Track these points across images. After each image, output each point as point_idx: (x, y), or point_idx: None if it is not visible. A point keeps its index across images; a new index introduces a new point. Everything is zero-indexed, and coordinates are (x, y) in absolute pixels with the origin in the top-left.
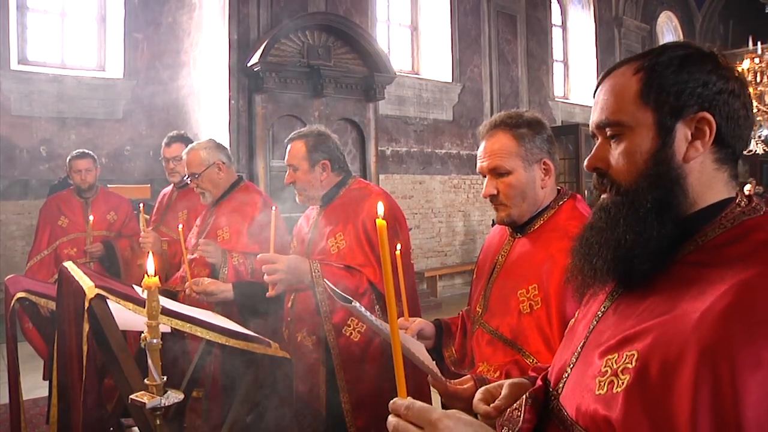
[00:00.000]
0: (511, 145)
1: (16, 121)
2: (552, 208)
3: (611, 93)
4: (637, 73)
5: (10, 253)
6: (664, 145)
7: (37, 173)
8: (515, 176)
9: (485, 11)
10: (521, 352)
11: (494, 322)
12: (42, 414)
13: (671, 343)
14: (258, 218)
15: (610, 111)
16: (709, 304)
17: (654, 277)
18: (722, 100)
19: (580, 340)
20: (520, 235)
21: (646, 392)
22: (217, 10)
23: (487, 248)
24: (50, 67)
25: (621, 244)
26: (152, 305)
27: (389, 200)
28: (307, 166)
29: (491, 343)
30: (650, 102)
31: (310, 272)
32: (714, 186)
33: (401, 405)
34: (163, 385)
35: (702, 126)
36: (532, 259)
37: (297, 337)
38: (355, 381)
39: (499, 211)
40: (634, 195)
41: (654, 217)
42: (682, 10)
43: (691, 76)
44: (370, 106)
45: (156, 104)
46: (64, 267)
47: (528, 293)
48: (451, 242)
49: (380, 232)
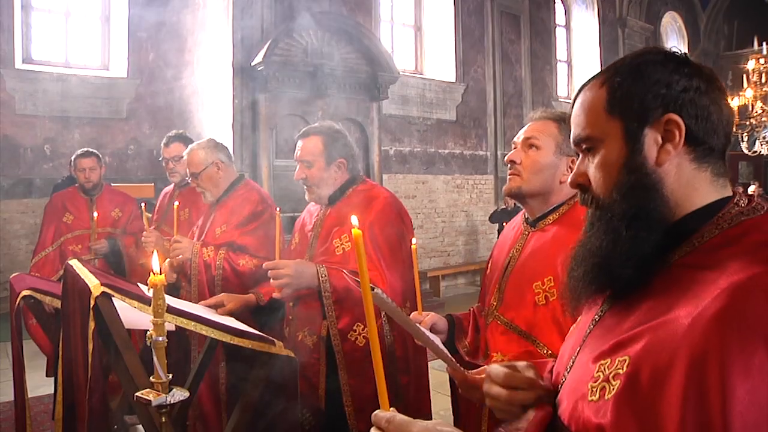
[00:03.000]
0: (553, 129)
1: (20, 119)
2: (567, 204)
3: (582, 108)
4: (603, 86)
5: (14, 252)
6: (633, 152)
7: (40, 172)
8: (542, 153)
9: (489, 11)
10: (535, 343)
11: (509, 315)
12: (46, 411)
13: (662, 349)
14: (253, 212)
15: (581, 127)
16: (701, 308)
17: (647, 281)
18: (687, 98)
19: (577, 344)
20: (534, 229)
21: (636, 398)
22: (221, 10)
23: (501, 243)
24: (54, 66)
25: (598, 252)
26: (158, 303)
27: (396, 203)
28: (322, 164)
29: (505, 334)
30: (616, 112)
31: (317, 276)
32: (698, 186)
33: (382, 418)
34: (168, 383)
35: (670, 128)
36: (547, 251)
37: (298, 336)
38: (359, 386)
39: (511, 181)
40: (610, 206)
41: (626, 226)
42: (686, 10)
43: (652, 78)
44: (373, 105)
45: (159, 103)
46: (70, 265)
47: (543, 285)
48: (454, 242)
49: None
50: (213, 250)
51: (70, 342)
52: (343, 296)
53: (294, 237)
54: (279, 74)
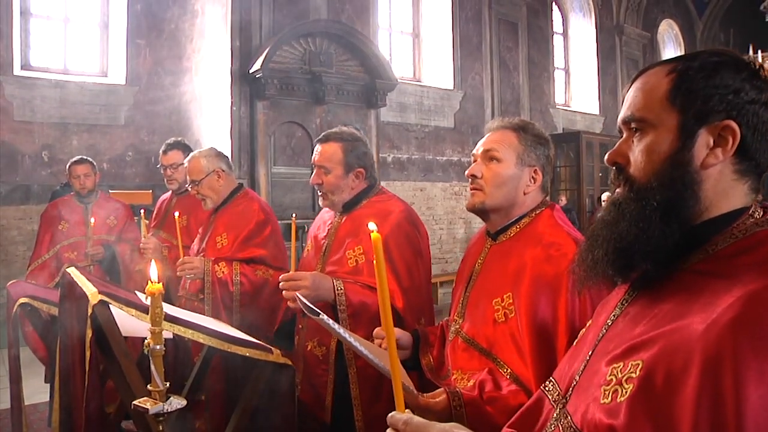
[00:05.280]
0: (512, 139)
1: (19, 126)
2: (528, 216)
3: (641, 90)
4: (670, 75)
5: (12, 258)
6: (683, 148)
7: (39, 178)
8: (503, 166)
9: (486, 19)
10: (495, 361)
11: (471, 331)
12: (43, 419)
13: (676, 354)
14: (257, 223)
15: (637, 107)
16: (715, 315)
17: (661, 283)
18: (752, 110)
19: (589, 348)
20: (495, 242)
21: (649, 402)
22: (219, 17)
23: (466, 255)
24: (53, 72)
25: (622, 238)
26: (155, 311)
27: (411, 216)
28: (341, 171)
29: (467, 351)
30: (677, 104)
31: (333, 290)
32: (731, 196)
33: (399, 419)
34: (165, 391)
35: (725, 134)
36: (506, 267)
37: (307, 345)
38: (370, 401)
39: (473, 196)
40: (645, 193)
41: (659, 217)
42: (683, 18)
43: (723, 82)
44: (371, 113)
45: (158, 110)
46: (67, 272)
47: (503, 302)
48: (452, 249)
49: (375, 245)
50: (226, 265)
51: (67, 350)
52: (359, 311)
53: (307, 246)
54: (277, 81)
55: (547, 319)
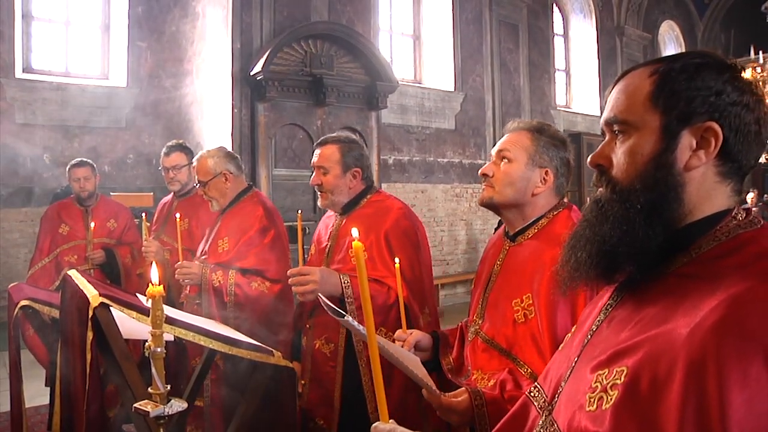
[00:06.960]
0: (526, 140)
1: (20, 129)
2: (546, 217)
3: (623, 92)
4: (652, 76)
5: (13, 261)
6: (666, 149)
7: (40, 181)
8: (514, 166)
9: (487, 21)
10: (515, 361)
11: (491, 332)
12: (43, 422)
13: (661, 359)
14: (258, 230)
15: (619, 109)
16: (699, 319)
17: (645, 287)
18: (734, 112)
19: (575, 354)
20: (513, 243)
21: (634, 408)
22: (220, 20)
23: (485, 256)
24: (54, 75)
25: (606, 240)
26: (156, 314)
27: (410, 214)
28: (339, 171)
29: (486, 351)
30: (659, 105)
31: (340, 285)
32: (714, 198)
33: (383, 430)
34: (166, 394)
35: (708, 136)
36: (524, 268)
37: (315, 344)
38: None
39: (484, 191)
40: (628, 195)
41: (643, 219)
42: (683, 19)
43: (705, 83)
44: (372, 114)
45: (159, 113)
46: (68, 275)
47: (522, 302)
48: (453, 251)
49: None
50: (222, 275)
51: (68, 352)
52: None
53: (311, 249)
54: (278, 83)
55: (567, 319)
